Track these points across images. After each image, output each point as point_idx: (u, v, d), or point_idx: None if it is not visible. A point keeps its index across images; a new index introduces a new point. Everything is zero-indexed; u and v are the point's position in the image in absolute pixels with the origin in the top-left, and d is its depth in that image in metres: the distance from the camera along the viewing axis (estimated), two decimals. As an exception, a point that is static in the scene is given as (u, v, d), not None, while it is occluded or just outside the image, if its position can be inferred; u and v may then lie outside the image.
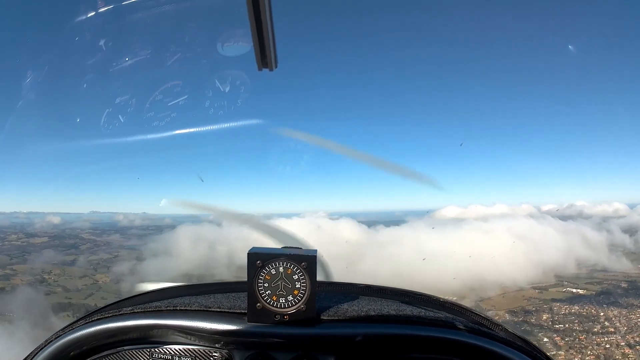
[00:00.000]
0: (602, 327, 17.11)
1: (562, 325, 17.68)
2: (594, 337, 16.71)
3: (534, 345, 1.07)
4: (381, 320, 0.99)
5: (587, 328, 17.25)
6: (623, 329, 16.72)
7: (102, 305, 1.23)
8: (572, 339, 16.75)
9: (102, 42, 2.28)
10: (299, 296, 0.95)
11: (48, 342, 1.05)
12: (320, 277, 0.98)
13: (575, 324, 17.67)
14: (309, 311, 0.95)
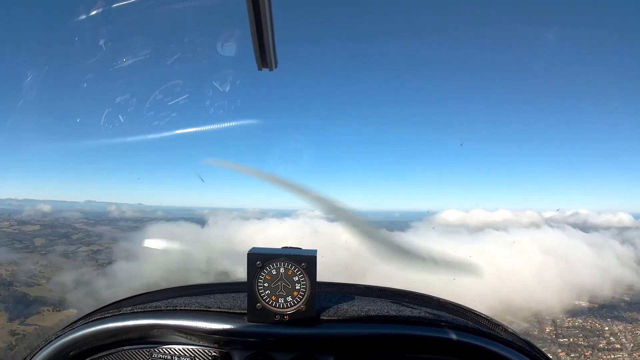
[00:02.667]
0: (608, 343, 16.42)
1: (567, 340, 16.82)
2: (600, 353, 15.95)
3: (534, 346, 1.07)
4: (381, 321, 0.99)
5: (592, 343, 16.50)
6: (630, 346, 16.12)
7: (100, 306, 1.23)
8: (577, 355, 15.93)
9: (102, 42, 2.28)
10: (299, 296, 0.95)
11: (48, 342, 1.05)
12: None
13: (580, 339, 16.86)
14: (308, 311, 0.95)
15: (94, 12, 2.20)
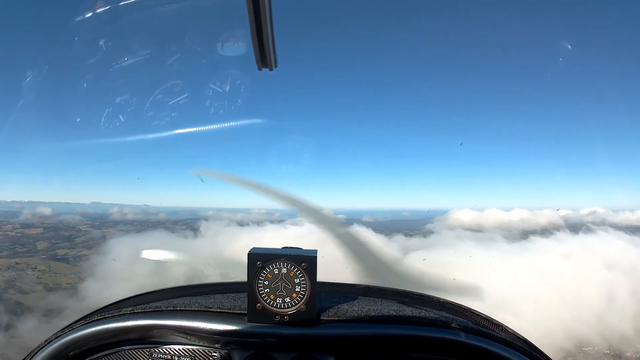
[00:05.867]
0: (635, 352, 15.46)
1: (591, 348, 15.69)
2: (629, 364, 14.37)
3: (534, 346, 1.07)
4: (381, 321, 0.99)
5: (618, 352, 15.47)
6: (660, 355, 14.71)
7: (102, 306, 1.23)
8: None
9: (102, 42, 2.28)
10: (299, 297, 0.95)
11: (48, 342, 1.05)
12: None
13: (605, 347, 15.74)
14: (308, 311, 0.95)
15: (94, 12, 2.20)
